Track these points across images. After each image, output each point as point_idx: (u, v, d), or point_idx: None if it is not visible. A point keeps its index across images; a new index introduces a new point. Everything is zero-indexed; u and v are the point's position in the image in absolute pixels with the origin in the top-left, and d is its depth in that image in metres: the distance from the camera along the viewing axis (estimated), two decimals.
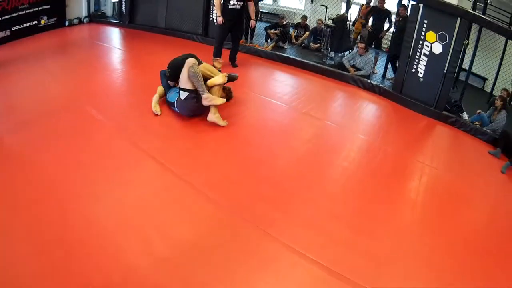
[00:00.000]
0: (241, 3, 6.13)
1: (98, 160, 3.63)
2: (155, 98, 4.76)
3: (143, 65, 7.50)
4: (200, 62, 4.50)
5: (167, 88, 4.84)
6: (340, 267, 2.49)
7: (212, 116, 4.25)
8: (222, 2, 6.16)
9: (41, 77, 7.17)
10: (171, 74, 4.63)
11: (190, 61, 4.16)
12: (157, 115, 4.53)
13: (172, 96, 4.58)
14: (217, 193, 3.18)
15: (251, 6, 6.38)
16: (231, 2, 6.08)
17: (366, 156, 4.11)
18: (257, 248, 2.63)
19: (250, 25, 6.77)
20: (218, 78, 4.32)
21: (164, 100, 4.84)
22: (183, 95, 4.32)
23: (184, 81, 4.25)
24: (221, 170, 3.57)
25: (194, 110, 4.40)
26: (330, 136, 4.55)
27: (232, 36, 6.49)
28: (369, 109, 5.53)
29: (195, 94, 4.24)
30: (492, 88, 7.15)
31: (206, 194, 3.17)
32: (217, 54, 6.42)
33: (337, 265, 2.51)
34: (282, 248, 2.62)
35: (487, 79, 7.85)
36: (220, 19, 6.24)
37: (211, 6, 8.43)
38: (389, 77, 6.95)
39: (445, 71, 5.26)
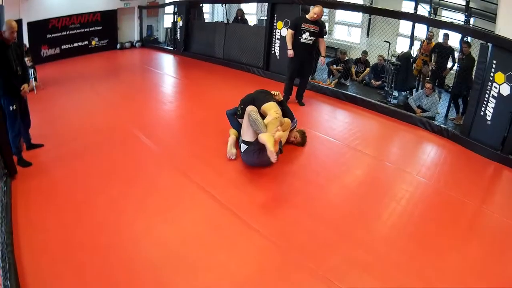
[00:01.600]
0: (313, 38, 6.47)
1: (150, 192, 3.97)
2: (231, 140, 4.77)
3: (198, 95, 7.92)
4: (273, 100, 4.62)
5: (238, 128, 4.81)
6: None
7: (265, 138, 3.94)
8: (293, 35, 6.50)
9: (89, 99, 7.92)
10: (243, 112, 4.55)
11: (249, 108, 4.30)
12: (233, 159, 4.60)
13: None
14: (270, 230, 3.33)
15: (322, 43, 6.70)
16: (304, 36, 6.42)
17: (426, 201, 4.08)
18: None
19: (320, 62, 7.07)
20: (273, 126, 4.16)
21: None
22: (243, 147, 4.36)
23: (244, 131, 4.34)
24: (275, 209, 3.75)
25: (256, 163, 4.37)
26: (388, 177, 4.60)
27: (300, 72, 6.81)
28: (434, 152, 5.57)
29: (254, 147, 4.22)
30: None
31: (252, 226, 3.39)
32: (287, 91, 6.83)
33: None
34: None
35: None
36: (290, 52, 6.58)
37: (273, 39, 8.97)
38: (452, 117, 7.12)
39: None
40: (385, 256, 3.07)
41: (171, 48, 14.14)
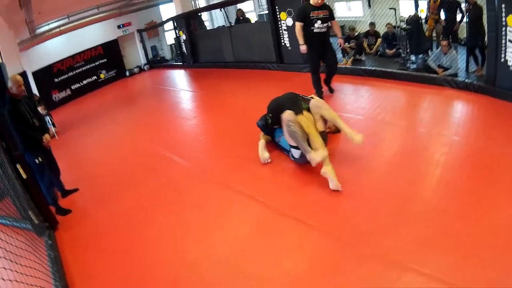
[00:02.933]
0: (326, 24, 6.07)
1: (197, 213, 3.96)
2: (261, 144, 4.72)
3: (218, 104, 8.05)
4: (301, 100, 4.51)
5: (272, 133, 4.83)
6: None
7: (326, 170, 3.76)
8: (302, 28, 6.08)
9: (111, 132, 8.21)
10: (274, 119, 4.53)
11: (285, 117, 3.99)
12: (269, 162, 4.56)
13: (283, 141, 4.48)
14: (329, 226, 3.25)
15: (336, 24, 6.34)
16: (316, 26, 6.00)
17: (470, 161, 3.91)
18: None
19: (338, 44, 6.46)
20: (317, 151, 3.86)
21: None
22: (296, 153, 4.20)
23: (288, 139, 4.11)
24: (327, 202, 3.60)
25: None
26: (426, 144, 4.44)
27: (326, 62, 6.44)
28: (465, 108, 5.47)
29: (325, 135, 4.30)
30: None
31: (311, 225, 3.30)
32: (317, 85, 6.49)
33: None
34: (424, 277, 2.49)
35: None
36: (303, 48, 6.23)
37: (280, 31, 9.14)
38: (472, 70, 7.14)
39: None
40: (444, 226, 2.93)
41: (180, 63, 14.53)
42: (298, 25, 6.09)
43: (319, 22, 5.98)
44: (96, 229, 4.23)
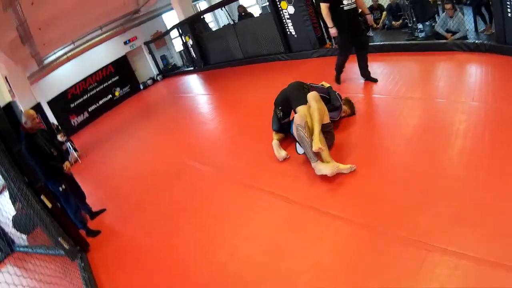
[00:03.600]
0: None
1: (223, 216, 4.01)
2: (276, 144, 4.69)
3: (234, 104, 8.15)
4: (307, 89, 4.40)
5: (288, 129, 4.80)
6: None
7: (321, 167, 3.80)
8: (330, 7, 5.54)
9: (132, 148, 8.37)
10: (284, 112, 4.64)
11: (296, 119, 3.97)
12: (287, 158, 4.53)
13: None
14: (352, 212, 3.24)
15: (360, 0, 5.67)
16: (345, 3, 5.41)
17: (491, 126, 3.77)
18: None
19: (368, 22, 6.01)
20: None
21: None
22: (300, 149, 4.30)
23: (296, 135, 4.09)
24: (350, 189, 3.57)
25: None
26: (445, 114, 4.37)
27: (356, 44, 5.83)
28: (479, 71, 5.34)
29: (331, 126, 4.29)
30: None
31: (335, 214, 3.29)
32: (340, 69, 6.12)
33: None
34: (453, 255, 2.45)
35: None
36: (333, 31, 5.67)
37: (284, 21, 9.22)
38: (482, 29, 7.05)
39: None
40: (469, 200, 2.86)
41: (192, 68, 14.78)
42: (324, 6, 5.54)
43: None
44: (126, 245, 4.40)
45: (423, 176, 3.36)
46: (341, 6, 5.43)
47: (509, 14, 5.39)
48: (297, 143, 4.34)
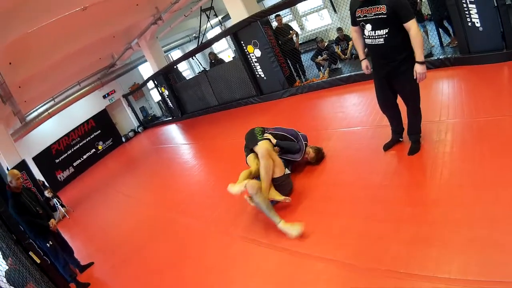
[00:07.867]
0: (384, 32, 3.55)
1: (215, 273, 3.78)
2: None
3: (213, 151, 8.10)
4: (261, 135, 4.51)
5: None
6: None
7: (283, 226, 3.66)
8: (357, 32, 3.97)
9: (118, 202, 8.26)
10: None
11: (248, 189, 3.91)
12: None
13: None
14: (329, 253, 3.16)
15: (411, 36, 3.46)
16: (366, 34, 3.70)
17: (470, 141, 3.74)
18: None
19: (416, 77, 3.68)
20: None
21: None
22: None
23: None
24: (330, 230, 3.46)
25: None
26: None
27: (394, 93, 4.00)
28: (447, 86, 5.27)
29: (284, 179, 4.27)
30: None
31: (317, 256, 3.20)
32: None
33: None
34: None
35: None
36: (364, 66, 4.02)
37: (252, 64, 9.25)
38: (447, 42, 7.06)
39: (495, 5, 5.10)
40: (440, 223, 2.85)
41: (170, 118, 14.81)
42: (352, 30, 4.02)
43: (368, 26, 3.63)
44: None
45: (395, 204, 3.34)
46: (363, 36, 3.84)
47: (469, 24, 5.49)
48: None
